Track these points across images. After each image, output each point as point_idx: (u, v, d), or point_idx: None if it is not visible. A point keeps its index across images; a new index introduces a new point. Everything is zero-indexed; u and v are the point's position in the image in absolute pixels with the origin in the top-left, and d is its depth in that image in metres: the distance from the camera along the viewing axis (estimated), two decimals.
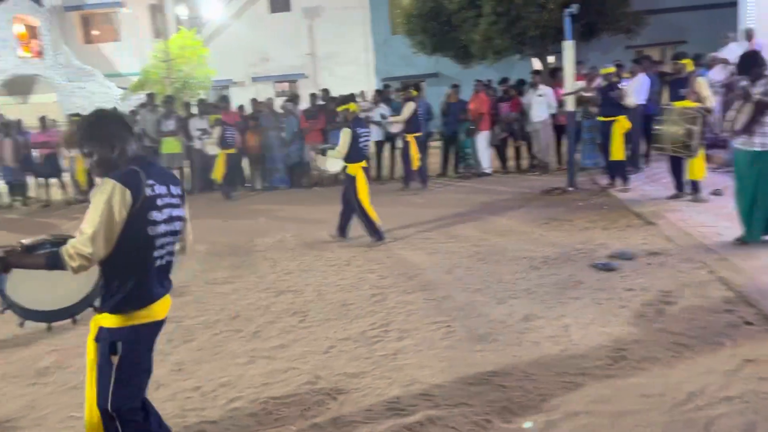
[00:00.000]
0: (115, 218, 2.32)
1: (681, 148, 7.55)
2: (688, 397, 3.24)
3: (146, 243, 2.43)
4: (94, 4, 27.34)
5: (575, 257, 6.01)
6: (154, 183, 2.45)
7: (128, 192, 2.33)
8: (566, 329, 4.26)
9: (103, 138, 2.48)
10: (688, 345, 3.85)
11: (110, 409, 2.46)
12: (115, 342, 2.44)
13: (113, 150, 2.47)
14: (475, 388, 3.50)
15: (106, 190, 2.33)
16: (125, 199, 2.32)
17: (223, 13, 26.99)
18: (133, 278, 2.43)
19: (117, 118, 2.59)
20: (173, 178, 2.64)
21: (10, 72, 24.32)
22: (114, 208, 2.31)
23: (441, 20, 18.48)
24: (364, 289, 5.54)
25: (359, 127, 7.37)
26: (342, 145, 7.18)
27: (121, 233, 2.35)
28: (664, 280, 5.13)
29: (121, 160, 2.48)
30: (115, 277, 2.44)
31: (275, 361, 4.13)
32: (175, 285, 6.35)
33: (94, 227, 2.30)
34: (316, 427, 3.25)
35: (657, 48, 21.52)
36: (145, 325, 2.51)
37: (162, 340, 4.62)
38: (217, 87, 26.38)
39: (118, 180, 2.35)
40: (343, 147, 7.17)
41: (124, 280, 2.43)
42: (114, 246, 2.35)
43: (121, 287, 2.43)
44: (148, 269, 2.47)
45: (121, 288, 2.43)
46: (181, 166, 13.14)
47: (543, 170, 11.72)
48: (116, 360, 2.44)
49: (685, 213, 7.37)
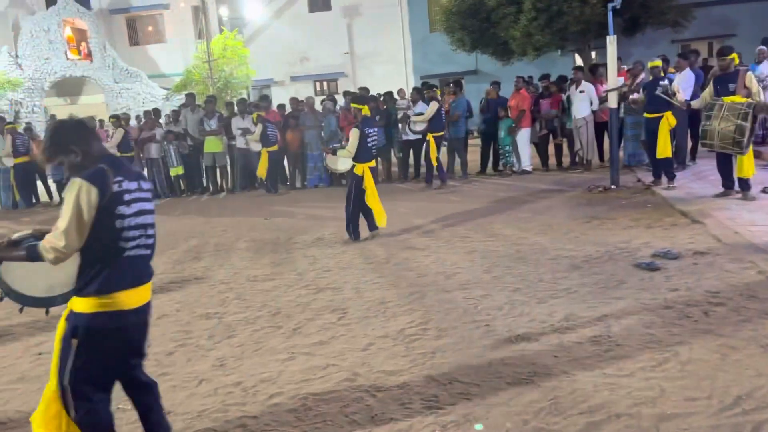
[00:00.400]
0: (83, 214, 2.51)
1: (730, 145, 7.33)
2: (735, 401, 3.14)
3: (115, 235, 2.60)
4: (140, 6, 28.02)
5: (618, 256, 5.89)
6: (122, 179, 2.62)
7: (94, 189, 2.52)
8: (608, 329, 4.18)
9: (64, 146, 2.66)
10: (736, 347, 3.73)
11: (64, 386, 2.61)
12: (76, 326, 2.61)
13: (76, 154, 2.65)
14: (515, 388, 3.47)
15: (74, 188, 2.52)
16: (92, 196, 2.51)
17: (263, 14, 27.32)
18: (101, 267, 2.59)
19: (73, 125, 2.75)
20: (142, 175, 2.82)
21: (60, 74, 25.10)
22: (82, 205, 2.50)
23: (480, 17, 18.36)
24: (402, 287, 5.55)
25: (368, 127, 7.57)
26: (351, 144, 7.40)
27: (92, 226, 2.53)
28: (711, 280, 4.99)
29: (87, 161, 2.64)
30: (87, 266, 2.61)
31: (315, 357, 4.17)
32: (217, 281, 6.51)
33: (65, 223, 2.51)
34: (354, 423, 3.27)
35: (704, 42, 20.93)
36: (110, 314, 2.62)
37: (203, 336, 4.75)
38: (257, 86, 26.76)
39: (85, 179, 2.53)
40: (352, 146, 7.39)
41: (94, 268, 2.59)
42: (87, 238, 2.55)
43: (91, 275, 2.60)
44: (118, 260, 2.62)
45: (91, 275, 2.60)
46: (224, 164, 13.38)
47: (585, 168, 11.53)
48: (75, 343, 2.60)
49: (734, 211, 7.16)
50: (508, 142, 11.95)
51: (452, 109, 11.91)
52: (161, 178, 13.32)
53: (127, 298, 2.65)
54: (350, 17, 26.73)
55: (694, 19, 18.44)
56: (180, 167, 13.15)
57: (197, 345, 4.59)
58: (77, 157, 2.64)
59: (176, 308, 5.52)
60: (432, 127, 11.15)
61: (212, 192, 13.28)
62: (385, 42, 26.21)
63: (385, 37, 26.19)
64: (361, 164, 7.46)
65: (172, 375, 4.08)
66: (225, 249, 7.81)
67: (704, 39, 20.95)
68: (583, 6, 15.67)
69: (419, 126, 11.40)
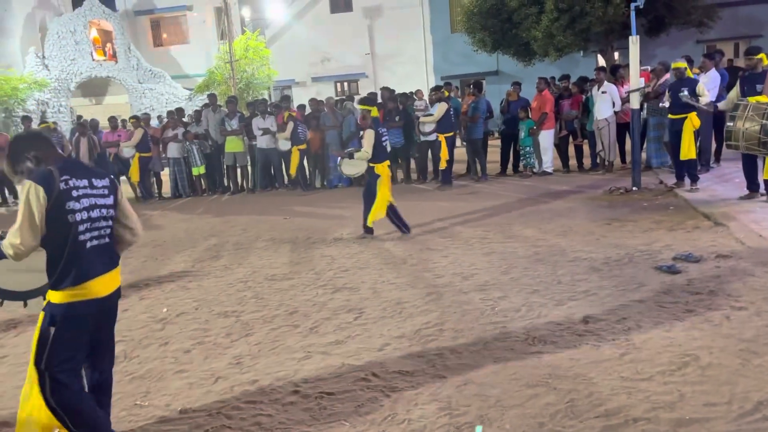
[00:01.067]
0: (34, 212, 2.74)
1: (756, 146, 7.20)
2: (755, 406, 3.08)
3: (69, 229, 2.81)
4: (163, 8, 28.38)
5: (638, 259, 5.82)
6: (68, 178, 2.83)
7: (41, 189, 2.75)
8: (627, 333, 4.13)
9: (21, 155, 2.94)
10: (758, 352, 3.66)
11: (41, 370, 2.82)
12: (54, 315, 2.82)
13: (31, 161, 2.91)
14: (531, 390, 3.44)
15: (25, 190, 2.76)
16: (39, 195, 2.74)
17: (285, 15, 27.48)
18: (65, 259, 2.81)
19: (27, 136, 3.12)
20: (97, 174, 3.02)
21: (86, 74, 25.50)
22: (32, 204, 2.74)
23: (502, 17, 18.28)
24: (419, 288, 5.54)
25: (379, 127, 7.70)
26: (367, 146, 7.45)
27: (47, 222, 2.76)
28: (733, 284, 4.90)
29: (41, 166, 2.88)
30: (54, 259, 2.83)
31: (330, 357, 4.17)
32: (235, 280, 6.53)
33: (19, 222, 2.76)
34: (369, 423, 3.27)
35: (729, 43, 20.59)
36: (83, 302, 2.85)
37: (221, 334, 4.78)
38: (278, 87, 26.93)
39: (33, 180, 2.77)
40: (368, 147, 7.43)
41: (59, 260, 2.81)
42: (45, 233, 2.78)
43: (58, 267, 2.81)
44: (79, 251, 2.84)
45: (58, 268, 2.81)
46: (244, 164, 13.47)
47: (606, 169, 11.41)
48: (53, 331, 2.81)
49: (759, 214, 7.03)
50: (529, 143, 11.87)
51: (470, 110, 11.87)
52: (183, 177, 13.46)
53: (97, 285, 2.89)
54: (371, 18, 26.76)
55: (720, 19, 18.15)
56: (202, 167, 13.28)
57: (215, 343, 4.63)
58: (32, 163, 2.91)
59: (195, 306, 5.58)
60: (441, 128, 11.18)
61: (233, 191, 13.39)
62: (406, 43, 26.21)
63: (407, 38, 26.18)
64: (380, 164, 7.50)
65: (189, 372, 4.11)
66: (244, 248, 7.87)
67: (730, 40, 20.60)
68: (606, 6, 15.51)
69: (428, 127, 11.42)
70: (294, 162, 12.38)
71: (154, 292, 6.19)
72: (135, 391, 3.88)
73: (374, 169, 7.55)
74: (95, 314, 2.92)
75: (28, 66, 24.57)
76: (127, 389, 3.92)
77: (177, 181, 13.54)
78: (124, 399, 3.78)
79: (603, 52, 18.75)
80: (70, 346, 2.86)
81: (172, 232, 9.40)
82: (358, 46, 26.76)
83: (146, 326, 5.13)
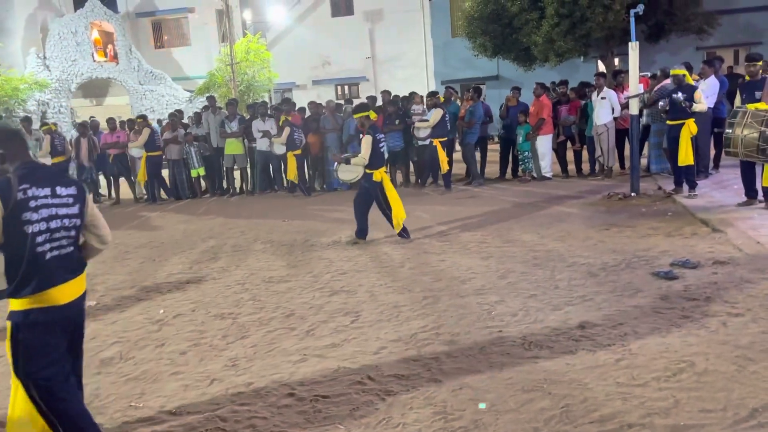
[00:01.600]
0: None
1: (754, 152, 7.21)
2: (751, 413, 3.08)
3: (26, 239, 2.74)
4: (165, 10, 28.41)
5: (635, 264, 5.82)
6: (28, 187, 2.75)
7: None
8: (623, 338, 4.13)
9: None
10: (754, 359, 3.66)
11: (21, 378, 2.80)
12: (17, 323, 2.78)
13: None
14: (526, 395, 3.44)
15: None
16: None
17: (286, 18, 27.53)
18: (23, 268, 2.74)
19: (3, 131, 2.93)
20: (64, 182, 2.92)
21: (87, 75, 25.52)
22: None
23: (502, 22, 18.31)
24: (416, 292, 5.54)
25: (377, 133, 7.64)
26: (365, 151, 7.43)
27: (3, 231, 2.71)
28: (730, 290, 4.90)
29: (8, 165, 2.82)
30: (10, 267, 2.77)
31: (326, 360, 4.17)
32: (233, 282, 6.52)
33: None
34: (363, 426, 3.26)
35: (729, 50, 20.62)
36: (42, 309, 2.79)
37: (217, 336, 4.78)
38: (279, 90, 26.96)
39: None
40: (366, 153, 7.40)
41: (17, 269, 2.75)
42: (2, 241, 2.73)
43: (16, 275, 2.75)
44: (37, 261, 2.77)
45: (16, 276, 2.75)
46: (244, 166, 13.47)
47: (605, 175, 11.42)
48: (21, 338, 2.78)
49: (757, 221, 7.03)
50: (527, 148, 11.88)
51: (468, 114, 11.88)
52: (182, 179, 13.46)
53: (58, 293, 2.83)
54: (372, 22, 26.81)
55: (720, 26, 18.19)
56: (201, 168, 13.28)
57: (211, 345, 4.63)
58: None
59: (191, 308, 5.57)
60: (436, 133, 11.22)
61: (232, 193, 13.39)
62: (406, 47, 26.25)
63: (407, 42, 26.23)
64: (378, 170, 7.50)
65: (184, 374, 4.11)
66: (242, 250, 7.87)
67: (729, 46, 20.63)
68: (606, 12, 15.55)
69: (423, 132, 11.46)
70: (291, 167, 12.30)
71: (151, 293, 6.19)
72: (130, 393, 3.88)
73: (372, 175, 7.53)
74: (60, 320, 2.86)
75: (29, 66, 24.59)
76: (122, 390, 3.92)
77: (176, 182, 13.53)
78: (118, 400, 3.77)
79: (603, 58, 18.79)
80: (43, 352, 2.80)
81: (170, 234, 9.40)
82: (359, 49, 26.80)
83: (142, 327, 5.13)
